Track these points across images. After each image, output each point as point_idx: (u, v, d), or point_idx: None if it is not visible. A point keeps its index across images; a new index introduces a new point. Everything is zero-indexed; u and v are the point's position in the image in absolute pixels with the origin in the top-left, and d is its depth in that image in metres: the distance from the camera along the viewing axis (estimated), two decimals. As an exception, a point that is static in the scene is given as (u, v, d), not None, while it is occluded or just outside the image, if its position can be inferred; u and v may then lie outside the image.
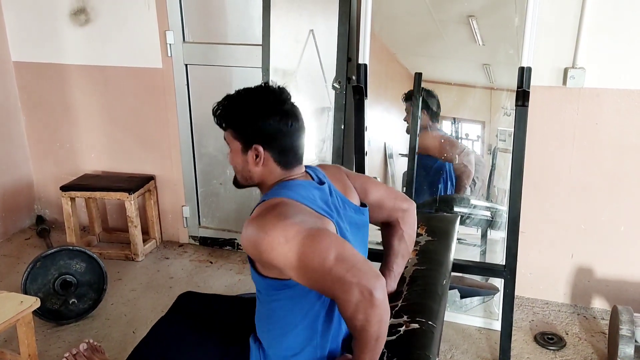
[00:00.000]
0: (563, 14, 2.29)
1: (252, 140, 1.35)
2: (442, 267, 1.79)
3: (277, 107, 1.35)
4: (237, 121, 1.37)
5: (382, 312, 1.17)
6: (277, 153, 1.37)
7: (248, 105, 1.36)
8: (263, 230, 1.21)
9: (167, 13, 2.97)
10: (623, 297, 2.52)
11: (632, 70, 2.28)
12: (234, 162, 1.42)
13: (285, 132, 1.35)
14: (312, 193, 1.36)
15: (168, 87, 3.10)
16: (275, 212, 1.24)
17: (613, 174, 2.42)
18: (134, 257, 3.17)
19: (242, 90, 1.40)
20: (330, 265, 1.15)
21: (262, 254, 1.23)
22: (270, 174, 1.39)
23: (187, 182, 3.27)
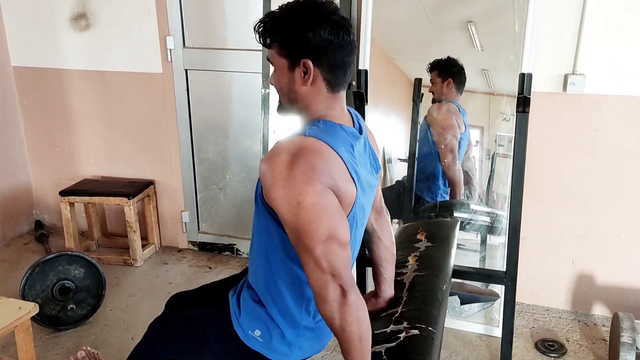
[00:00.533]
0: (563, 21, 2.29)
1: (300, 54, 1.24)
2: (442, 272, 1.78)
3: (327, 17, 1.24)
4: (284, 34, 1.25)
5: (356, 311, 1.19)
6: (327, 69, 1.26)
7: (295, 16, 1.25)
8: (282, 180, 1.17)
9: (167, 18, 2.97)
10: (624, 304, 2.51)
11: (632, 76, 2.28)
12: (278, 83, 1.32)
13: (336, 44, 1.23)
14: (351, 144, 1.30)
15: (168, 92, 3.10)
16: (304, 164, 1.17)
17: (613, 180, 2.42)
18: (133, 263, 3.16)
19: (288, 2, 1.28)
20: (319, 249, 1.16)
21: (269, 196, 1.20)
22: (318, 94, 1.28)
23: (187, 188, 3.27)
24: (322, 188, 1.18)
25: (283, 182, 1.17)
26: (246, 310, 1.43)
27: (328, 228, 1.17)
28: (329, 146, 1.23)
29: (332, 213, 1.19)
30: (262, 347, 1.41)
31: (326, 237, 1.17)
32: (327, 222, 1.18)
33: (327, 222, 1.18)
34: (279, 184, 1.17)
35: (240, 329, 1.42)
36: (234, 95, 3.05)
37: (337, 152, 1.23)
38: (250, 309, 1.42)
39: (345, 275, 1.19)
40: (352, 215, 1.28)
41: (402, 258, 1.79)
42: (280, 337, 1.40)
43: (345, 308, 1.18)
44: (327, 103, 1.30)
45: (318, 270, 1.18)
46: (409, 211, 2.56)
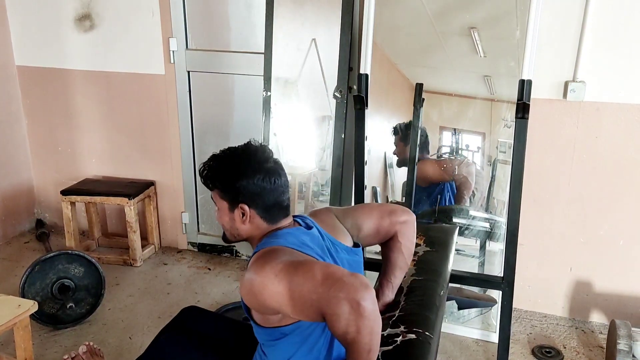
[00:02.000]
0: (564, 28, 2.30)
1: (237, 199, 1.40)
2: (439, 277, 1.79)
3: (260, 166, 1.39)
4: (222, 182, 1.41)
5: (372, 323, 1.16)
6: (262, 210, 1.41)
7: (232, 166, 1.40)
8: (254, 273, 1.24)
9: (171, 20, 2.99)
10: (622, 312, 2.52)
11: (633, 84, 2.29)
12: (221, 221, 1.46)
13: (268, 189, 1.39)
14: (302, 238, 1.39)
15: (170, 94, 3.12)
16: (265, 257, 1.27)
17: (613, 187, 2.43)
18: (133, 263, 3.17)
19: (227, 149, 1.44)
20: (316, 285, 1.16)
21: (256, 296, 1.24)
22: (257, 229, 1.43)
23: (187, 189, 3.28)
24: (285, 258, 1.25)
25: (256, 277, 1.23)
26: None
27: (314, 267, 1.20)
28: (277, 245, 1.33)
29: (310, 261, 1.26)
30: None
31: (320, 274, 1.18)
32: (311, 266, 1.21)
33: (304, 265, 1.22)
34: (255, 283, 1.23)
35: None
36: (235, 98, 3.06)
37: (287, 247, 1.33)
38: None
39: (353, 289, 1.14)
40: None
41: (400, 262, 1.79)
42: None
43: (361, 320, 1.14)
44: (267, 231, 1.44)
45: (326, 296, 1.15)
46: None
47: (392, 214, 1.60)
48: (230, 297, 2.84)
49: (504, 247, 2.37)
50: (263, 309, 1.30)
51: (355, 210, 1.66)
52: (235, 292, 2.89)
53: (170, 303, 2.78)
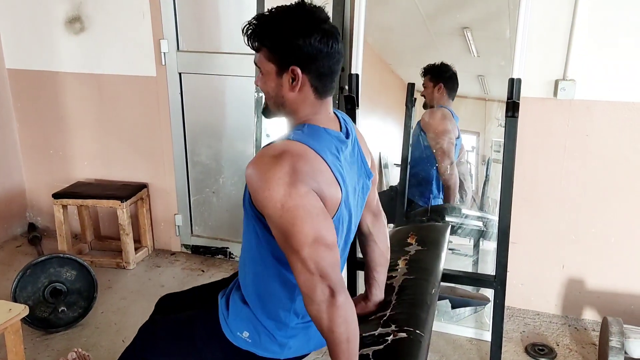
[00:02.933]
0: (554, 27, 2.31)
1: (289, 61, 1.24)
2: (431, 276, 1.79)
3: (319, 25, 1.23)
4: (274, 39, 1.24)
5: (344, 312, 1.19)
6: (315, 77, 1.26)
7: (287, 23, 1.23)
8: (267, 182, 1.17)
9: (162, 22, 2.98)
10: (614, 309, 2.52)
11: (622, 82, 2.30)
12: (265, 87, 1.31)
13: (325, 53, 1.24)
14: (337, 147, 1.30)
15: (162, 96, 3.11)
16: (288, 167, 1.18)
17: (604, 185, 2.43)
18: (126, 266, 3.16)
19: (277, 8, 1.27)
20: (306, 251, 1.17)
21: (256, 199, 1.22)
22: (305, 100, 1.29)
23: (180, 191, 3.27)
24: (306, 190, 1.19)
25: (267, 184, 1.18)
26: (235, 312, 1.43)
27: (313, 230, 1.18)
28: (313, 150, 1.24)
29: (317, 214, 1.20)
30: (251, 346, 1.42)
31: (312, 239, 1.17)
32: (312, 224, 1.18)
33: (312, 224, 1.18)
34: (264, 187, 1.18)
35: (228, 330, 1.43)
36: (228, 99, 3.05)
37: (320, 156, 1.24)
38: (239, 310, 1.43)
39: (333, 276, 1.20)
40: (337, 218, 1.29)
41: (392, 261, 1.79)
42: (269, 338, 1.41)
43: (333, 309, 1.18)
44: (314, 109, 1.30)
45: (305, 272, 1.18)
46: (401, 215, 2.57)
47: (378, 214, 1.62)
48: (223, 298, 2.82)
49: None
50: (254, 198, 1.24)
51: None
52: (228, 293, 2.88)
53: (164, 305, 2.76)
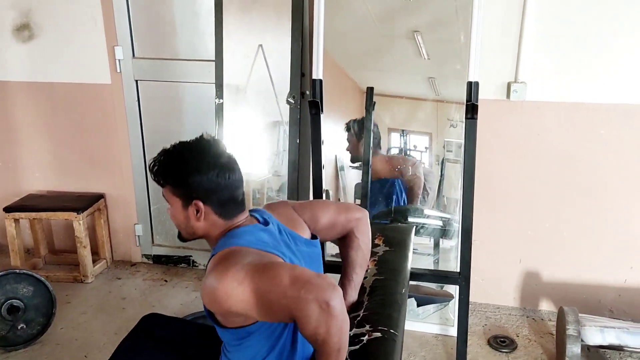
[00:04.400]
0: (505, 32, 2.41)
1: (191, 196, 1.35)
2: (400, 276, 1.84)
3: (214, 161, 1.35)
4: (175, 178, 1.36)
5: (341, 322, 1.19)
6: (217, 206, 1.37)
7: (185, 162, 1.35)
8: (216, 281, 1.21)
9: (115, 28, 2.93)
10: (568, 299, 2.65)
11: (569, 84, 2.42)
12: (175, 219, 1.42)
13: (224, 185, 1.35)
14: (260, 236, 1.37)
15: (118, 103, 3.05)
16: (224, 262, 1.24)
17: (555, 182, 2.55)
18: (84, 279, 3.07)
19: (179, 144, 1.40)
20: (285, 289, 1.15)
21: (221, 304, 1.22)
22: (213, 226, 1.39)
23: (140, 200, 3.21)
24: (245, 262, 1.23)
25: (218, 285, 1.20)
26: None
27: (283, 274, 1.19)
28: (239, 246, 1.30)
29: (272, 266, 1.23)
30: None
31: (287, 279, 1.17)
32: (279, 272, 1.20)
33: (269, 268, 1.21)
34: (218, 290, 1.20)
35: None
36: (187, 106, 3.02)
37: (247, 247, 1.30)
38: None
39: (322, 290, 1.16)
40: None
41: (362, 263, 1.82)
42: None
43: (331, 320, 1.16)
44: (224, 227, 1.39)
45: (293, 301, 1.16)
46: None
47: (347, 211, 1.63)
48: (189, 307, 2.80)
49: (457, 243, 2.46)
50: (228, 314, 1.28)
51: (311, 203, 1.67)
52: (194, 302, 2.85)
53: (127, 318, 2.71)
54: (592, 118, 2.43)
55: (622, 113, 2.40)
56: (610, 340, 2.15)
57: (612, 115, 2.41)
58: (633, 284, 2.60)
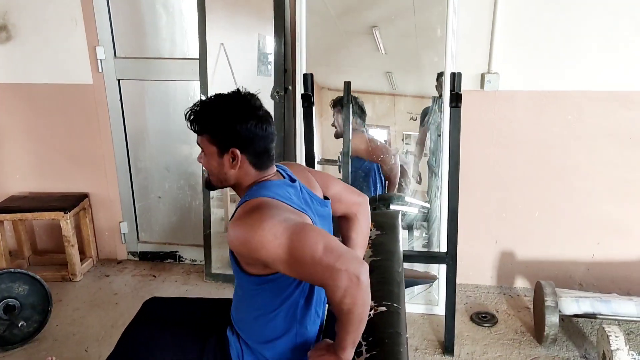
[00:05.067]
0: (478, 26, 2.56)
1: (229, 144, 1.40)
2: (394, 256, 1.96)
3: (253, 112, 1.40)
4: (214, 126, 1.40)
5: (366, 295, 1.28)
6: (252, 156, 1.42)
7: (225, 111, 1.39)
8: (252, 229, 1.27)
9: (96, 28, 2.95)
10: (541, 275, 2.83)
11: (538, 73, 2.59)
12: (208, 165, 1.46)
13: (261, 135, 1.40)
14: (287, 191, 1.44)
15: (100, 103, 3.07)
16: (260, 212, 1.30)
17: (526, 166, 2.73)
18: (72, 278, 3.09)
19: (216, 96, 1.43)
20: (319, 256, 1.23)
21: (251, 252, 1.29)
22: (246, 175, 1.44)
23: (124, 198, 3.24)
24: (283, 218, 1.30)
25: (253, 233, 1.27)
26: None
27: (317, 241, 1.26)
28: (272, 198, 1.38)
29: (310, 229, 1.31)
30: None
31: (321, 247, 1.25)
32: (314, 238, 1.27)
33: (313, 237, 1.27)
34: (253, 238, 1.27)
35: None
36: (170, 104, 3.07)
37: (279, 200, 1.38)
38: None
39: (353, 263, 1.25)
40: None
41: (357, 246, 1.93)
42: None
43: (358, 292, 1.24)
44: (256, 178, 1.46)
45: (328, 270, 1.24)
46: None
47: (353, 192, 1.73)
48: (181, 300, 2.85)
49: (437, 227, 2.62)
50: (253, 261, 1.34)
51: (322, 172, 1.75)
52: (186, 295, 2.91)
53: (121, 312, 2.76)
54: (559, 105, 2.62)
55: (586, 99, 2.59)
56: (585, 309, 2.34)
57: (577, 101, 2.60)
58: (600, 258, 2.80)
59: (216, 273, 3.03)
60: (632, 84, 2.54)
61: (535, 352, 2.39)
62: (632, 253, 2.78)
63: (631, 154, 2.64)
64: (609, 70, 2.53)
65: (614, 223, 2.74)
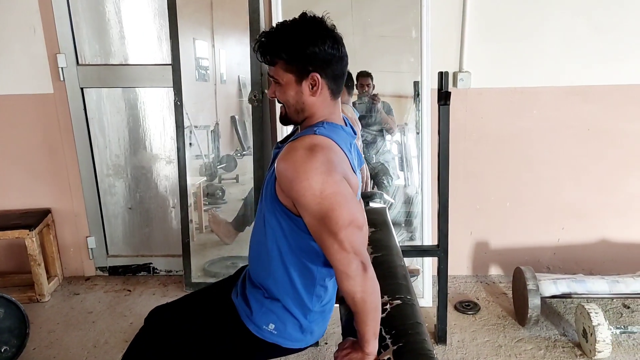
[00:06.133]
0: (449, 28, 2.67)
1: (308, 68, 1.32)
2: (393, 251, 2.01)
3: (327, 32, 1.33)
4: (291, 50, 1.32)
5: (375, 283, 1.35)
6: (331, 80, 1.36)
7: (299, 34, 1.32)
8: (305, 173, 1.25)
9: (57, 36, 2.83)
10: (513, 262, 2.96)
11: (506, 71, 2.74)
12: (285, 97, 1.38)
13: (338, 57, 1.34)
14: (348, 141, 1.44)
15: (62, 113, 2.94)
16: (322, 157, 1.28)
17: (497, 159, 2.87)
18: (40, 298, 2.93)
19: (283, 22, 1.35)
20: (343, 233, 1.27)
21: (291, 190, 1.28)
22: (323, 102, 1.38)
23: (91, 211, 3.11)
24: (339, 178, 1.31)
25: (305, 174, 1.26)
26: (258, 306, 1.50)
27: (349, 213, 1.30)
28: (336, 143, 1.37)
29: (350, 199, 1.33)
30: (277, 337, 1.50)
31: (348, 221, 1.29)
32: (348, 208, 1.30)
33: (348, 208, 1.30)
34: (301, 177, 1.26)
35: (253, 325, 1.49)
36: (139, 111, 2.99)
37: (342, 149, 1.38)
38: (262, 304, 1.50)
39: (364, 253, 1.34)
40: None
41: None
42: (294, 325, 1.51)
43: (367, 281, 1.32)
44: (330, 109, 1.42)
45: (342, 251, 1.29)
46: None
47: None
48: (164, 313, 2.78)
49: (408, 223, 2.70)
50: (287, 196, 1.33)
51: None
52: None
53: (101, 330, 2.65)
54: (525, 100, 2.77)
55: (549, 94, 2.76)
56: (563, 290, 2.49)
57: (541, 96, 2.76)
58: (565, 242, 2.99)
59: (197, 282, 2.97)
60: (590, 79, 2.73)
61: (519, 334, 2.52)
62: (592, 235, 2.99)
63: (590, 144, 2.83)
64: (569, 66, 2.71)
65: (576, 209, 2.93)
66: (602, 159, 2.85)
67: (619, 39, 2.67)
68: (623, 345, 2.39)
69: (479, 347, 2.43)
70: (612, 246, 2.97)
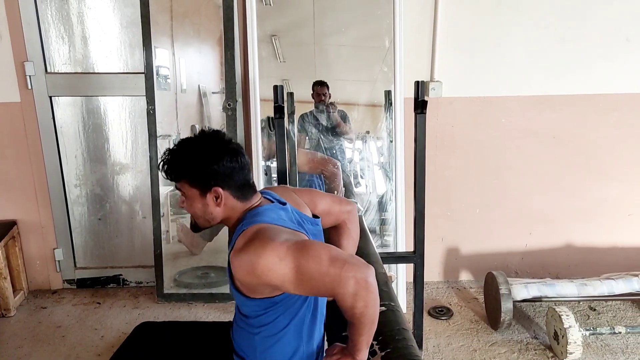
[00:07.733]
0: (420, 39, 2.73)
1: (209, 184, 1.40)
2: (373, 258, 2.04)
3: (224, 147, 1.41)
4: (192, 170, 1.40)
5: (376, 296, 1.33)
6: (234, 190, 1.43)
7: (197, 153, 1.40)
8: (256, 256, 1.27)
9: (24, 43, 2.76)
10: (482, 267, 3.04)
11: (475, 81, 2.82)
12: (192, 209, 1.45)
13: (238, 168, 1.42)
14: (281, 214, 1.46)
15: (29, 122, 2.86)
16: (260, 238, 1.31)
17: (467, 166, 2.94)
18: (5, 313, 2.84)
19: (182, 141, 1.44)
20: (326, 268, 1.25)
21: (259, 277, 1.29)
22: (233, 209, 1.45)
23: (59, 223, 3.03)
24: (290, 240, 1.32)
25: (264, 259, 1.27)
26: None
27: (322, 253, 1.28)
28: (266, 222, 1.40)
29: (310, 244, 1.33)
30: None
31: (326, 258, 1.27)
32: (318, 251, 1.29)
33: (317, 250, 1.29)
34: (263, 263, 1.27)
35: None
36: (110, 120, 2.94)
37: (272, 223, 1.40)
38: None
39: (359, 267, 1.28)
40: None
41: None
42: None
43: (369, 295, 1.29)
44: (243, 209, 1.47)
45: (335, 279, 1.26)
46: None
47: (341, 202, 1.77)
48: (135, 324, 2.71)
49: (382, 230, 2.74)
50: (261, 286, 1.34)
51: (308, 190, 1.77)
52: (138, 319, 2.78)
53: (72, 344, 2.58)
54: (494, 109, 2.86)
55: (516, 103, 2.86)
56: (534, 294, 2.56)
57: (509, 105, 2.86)
58: (532, 247, 3.08)
59: (169, 293, 2.92)
60: (554, 88, 2.84)
61: (492, 337, 2.58)
62: (558, 240, 3.09)
63: (554, 151, 2.94)
64: (535, 76, 2.81)
65: (543, 214, 3.03)
66: (568, 166, 2.95)
67: (582, 50, 2.78)
68: (592, 347, 2.47)
69: (455, 352, 2.48)
70: (577, 250, 3.07)
